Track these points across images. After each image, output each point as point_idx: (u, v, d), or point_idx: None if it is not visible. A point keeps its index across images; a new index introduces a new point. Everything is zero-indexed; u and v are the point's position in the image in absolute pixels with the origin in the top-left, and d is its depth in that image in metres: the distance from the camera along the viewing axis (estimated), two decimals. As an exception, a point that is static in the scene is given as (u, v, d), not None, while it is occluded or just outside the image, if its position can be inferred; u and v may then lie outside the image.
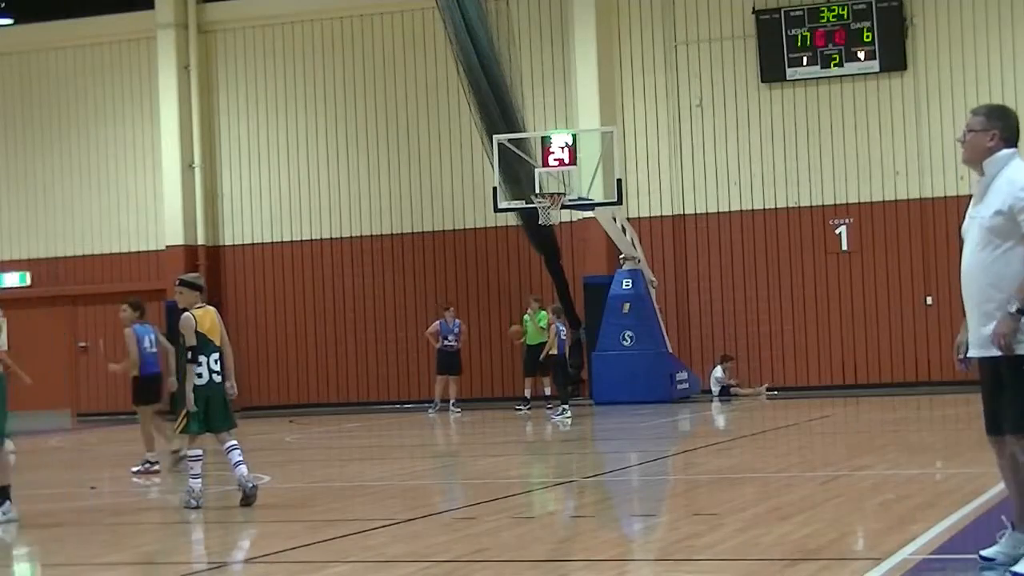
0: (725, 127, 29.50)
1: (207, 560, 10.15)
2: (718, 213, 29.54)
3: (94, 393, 32.57)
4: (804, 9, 28.86)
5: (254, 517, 11.68)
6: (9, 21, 33.78)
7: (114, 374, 19.76)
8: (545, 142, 26.60)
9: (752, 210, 29.35)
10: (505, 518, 10.98)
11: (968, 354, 7.51)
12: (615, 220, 27.52)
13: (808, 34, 28.79)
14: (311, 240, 32.06)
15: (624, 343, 27.62)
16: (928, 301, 28.21)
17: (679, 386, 27.85)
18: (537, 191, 26.53)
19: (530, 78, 29.90)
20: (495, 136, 27.16)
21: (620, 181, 26.99)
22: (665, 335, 28.24)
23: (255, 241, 32.46)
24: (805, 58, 28.83)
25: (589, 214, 28.09)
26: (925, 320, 28.24)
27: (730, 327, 29.35)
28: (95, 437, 25.68)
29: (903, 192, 28.54)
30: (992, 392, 7.47)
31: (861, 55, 28.54)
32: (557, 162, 26.40)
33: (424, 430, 23.97)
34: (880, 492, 11.64)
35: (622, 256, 28.00)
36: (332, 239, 31.91)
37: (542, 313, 26.99)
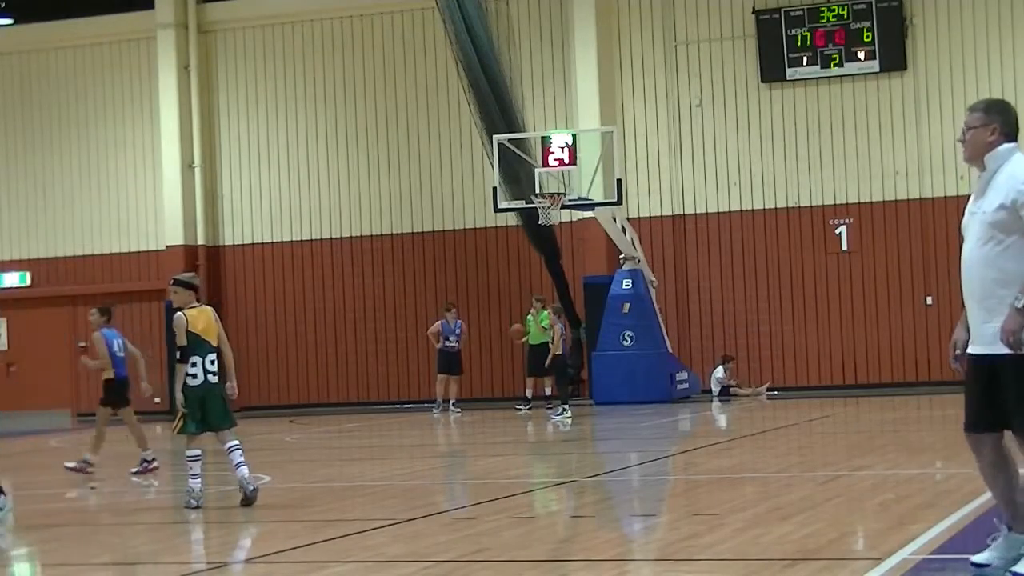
0: (725, 127, 29.50)
1: (207, 560, 10.15)
2: (718, 213, 29.54)
3: (94, 393, 31.99)
4: (804, 9, 28.87)
5: (254, 517, 11.68)
6: (9, 21, 33.77)
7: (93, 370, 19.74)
8: (545, 142, 26.59)
9: (752, 210, 29.36)
10: (505, 518, 10.98)
11: (969, 351, 7.33)
12: (615, 220, 27.52)
13: (808, 34, 28.80)
14: (311, 240, 32.07)
15: (624, 343, 27.62)
16: (928, 301, 28.22)
17: (679, 386, 27.86)
18: (537, 191, 26.52)
19: (530, 78, 29.90)
20: (495, 136, 27.15)
21: (620, 181, 26.98)
22: (665, 335, 28.24)
23: (255, 241, 32.47)
24: (805, 58, 28.84)
25: (589, 214, 28.08)
26: (925, 320, 28.24)
27: (730, 327, 29.36)
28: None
29: (903, 192, 28.55)
30: (985, 389, 7.26)
31: (861, 55, 28.54)
32: (557, 162, 26.40)
33: (424, 430, 23.96)
34: (880, 492, 11.64)
35: (622, 256, 28.01)
36: (332, 239, 31.92)
37: (544, 313, 26.96)
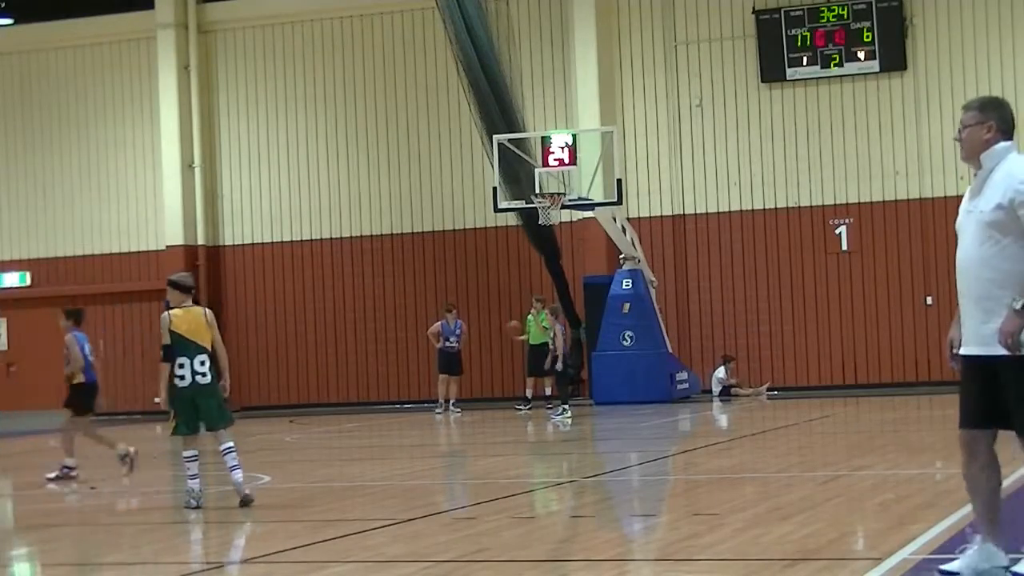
0: (725, 127, 29.50)
1: (207, 560, 10.15)
2: (718, 213, 29.54)
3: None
4: (804, 9, 28.86)
5: (254, 517, 11.68)
6: (9, 21, 33.77)
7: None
8: (545, 142, 26.58)
9: (752, 210, 29.35)
10: (505, 518, 10.98)
11: (963, 351, 7.22)
12: (615, 220, 27.51)
13: (808, 34, 28.79)
14: (311, 240, 32.06)
15: (624, 343, 27.61)
16: (928, 301, 28.23)
17: (679, 386, 27.85)
18: (537, 191, 26.51)
19: (530, 78, 29.89)
20: (495, 136, 27.14)
21: (620, 181, 26.98)
22: (665, 335, 28.23)
23: (255, 241, 32.46)
24: (805, 58, 28.83)
25: (589, 214, 28.08)
26: (925, 320, 28.24)
27: (730, 327, 29.35)
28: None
29: (903, 192, 28.55)
30: (984, 389, 7.17)
31: (861, 55, 28.54)
32: (557, 162, 26.39)
33: (424, 430, 23.96)
34: (880, 492, 11.64)
35: (622, 256, 28.00)
36: (332, 239, 31.91)
37: (544, 313, 26.95)
